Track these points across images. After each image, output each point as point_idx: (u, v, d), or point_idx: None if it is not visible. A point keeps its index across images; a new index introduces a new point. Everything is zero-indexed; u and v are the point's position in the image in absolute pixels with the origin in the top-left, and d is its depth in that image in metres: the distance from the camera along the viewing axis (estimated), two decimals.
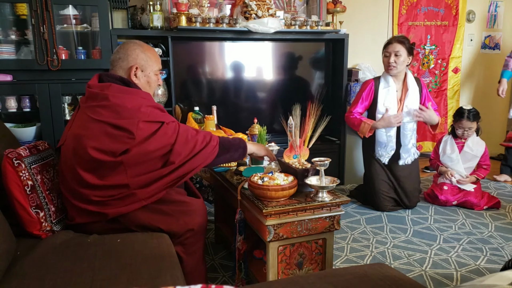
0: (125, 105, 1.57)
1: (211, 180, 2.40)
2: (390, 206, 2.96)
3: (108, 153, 1.53)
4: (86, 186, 1.56)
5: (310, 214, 1.63)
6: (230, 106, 3.37)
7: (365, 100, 2.92)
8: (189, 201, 1.74)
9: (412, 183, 3.00)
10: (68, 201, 1.64)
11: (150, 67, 1.74)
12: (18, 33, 2.62)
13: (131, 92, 1.64)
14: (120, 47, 1.74)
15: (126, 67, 1.71)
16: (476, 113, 3.01)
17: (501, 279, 0.79)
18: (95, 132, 1.54)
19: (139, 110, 1.57)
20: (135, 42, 1.76)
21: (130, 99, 1.60)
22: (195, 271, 1.73)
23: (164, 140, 1.57)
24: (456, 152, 3.08)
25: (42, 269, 1.33)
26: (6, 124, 2.32)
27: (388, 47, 2.82)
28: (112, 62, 1.74)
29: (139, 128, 1.53)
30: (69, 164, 1.59)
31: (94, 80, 1.69)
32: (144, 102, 1.62)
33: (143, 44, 1.76)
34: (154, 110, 1.62)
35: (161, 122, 1.59)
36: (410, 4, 3.95)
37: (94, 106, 1.60)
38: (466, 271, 2.14)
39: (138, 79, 1.72)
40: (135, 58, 1.71)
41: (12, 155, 1.54)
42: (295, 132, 1.81)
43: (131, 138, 1.52)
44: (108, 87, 1.61)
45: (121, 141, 1.52)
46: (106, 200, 1.57)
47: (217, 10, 3.15)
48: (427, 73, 4.15)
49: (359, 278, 1.25)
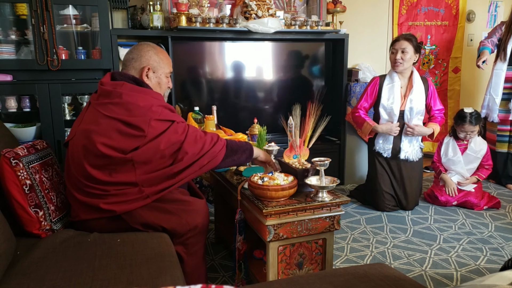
0: (137, 103, 1.59)
1: (211, 180, 2.40)
2: (391, 206, 2.96)
3: (118, 150, 1.54)
4: (94, 182, 1.58)
5: (310, 214, 1.63)
6: (230, 106, 3.37)
7: (370, 96, 2.96)
8: (192, 200, 1.75)
9: (414, 185, 2.99)
10: (73, 197, 1.64)
11: (162, 69, 1.78)
12: (18, 33, 2.62)
13: (144, 91, 1.67)
14: (134, 48, 1.78)
15: (138, 67, 1.74)
16: (478, 116, 2.99)
17: (501, 279, 0.79)
18: (106, 128, 1.56)
19: (151, 109, 1.59)
20: (149, 44, 1.80)
21: (142, 98, 1.63)
22: (195, 271, 1.74)
23: (174, 137, 1.59)
24: (459, 155, 3.06)
25: (42, 269, 1.33)
26: (6, 124, 2.32)
27: (395, 44, 2.85)
28: (124, 62, 1.77)
29: (151, 126, 1.56)
30: (76, 159, 1.61)
31: (106, 78, 1.72)
32: (156, 101, 1.65)
33: (156, 47, 1.80)
34: (165, 109, 1.64)
35: (172, 121, 1.62)
36: (410, 4, 3.94)
37: (106, 103, 1.62)
38: (466, 271, 2.14)
39: (149, 80, 1.75)
40: (148, 59, 1.74)
41: (9, 154, 1.54)
42: (295, 132, 1.81)
43: (142, 136, 1.55)
44: (122, 85, 1.64)
45: (132, 139, 1.55)
46: (114, 196, 1.58)
47: (217, 10, 3.15)
48: (427, 73, 4.15)
49: (359, 278, 1.25)
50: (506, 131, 3.45)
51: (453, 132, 3.11)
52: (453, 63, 4.17)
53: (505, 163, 3.49)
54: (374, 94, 2.95)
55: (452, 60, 4.16)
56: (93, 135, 1.56)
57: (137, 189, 1.59)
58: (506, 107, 3.39)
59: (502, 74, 3.36)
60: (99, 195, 1.59)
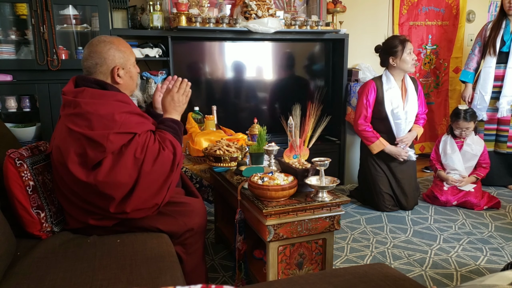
0: (97, 112, 1.50)
1: (211, 180, 2.40)
2: (391, 206, 2.96)
3: (85, 167, 1.47)
4: (81, 199, 1.54)
5: (310, 214, 1.63)
6: (230, 106, 3.37)
7: (370, 105, 2.92)
8: (188, 201, 1.74)
9: (412, 184, 3.00)
10: (64, 208, 1.63)
11: (129, 62, 1.68)
12: (18, 33, 2.62)
13: (106, 96, 1.57)
14: (91, 51, 1.62)
15: (107, 71, 1.63)
16: (472, 113, 3.04)
17: (501, 279, 0.79)
18: (74, 145, 1.48)
19: (113, 118, 1.50)
20: (104, 41, 1.64)
21: (103, 104, 1.53)
22: (195, 271, 1.73)
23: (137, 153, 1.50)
24: (457, 152, 3.09)
25: (42, 269, 1.33)
26: (6, 124, 2.32)
27: (407, 43, 2.83)
28: (88, 68, 1.63)
29: (109, 141, 1.46)
30: (60, 173, 1.55)
31: (69, 86, 1.61)
32: (119, 107, 1.55)
33: (113, 40, 1.66)
34: (129, 117, 1.54)
35: (133, 133, 1.52)
36: (411, 4, 3.94)
37: (69, 114, 1.54)
38: (466, 271, 2.13)
39: (121, 79, 1.66)
40: (113, 58, 1.63)
41: (14, 155, 1.54)
42: (295, 132, 1.81)
43: (103, 151, 1.46)
44: (82, 92, 1.54)
45: (93, 154, 1.46)
46: (101, 214, 1.55)
47: (217, 10, 3.15)
48: (428, 73, 4.15)
49: (359, 278, 1.25)
50: (493, 130, 3.43)
51: (451, 130, 3.15)
52: (454, 63, 4.17)
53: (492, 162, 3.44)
54: (373, 100, 2.92)
55: (453, 60, 4.16)
56: (64, 153, 1.49)
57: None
58: (494, 105, 3.37)
59: (490, 71, 3.32)
60: (87, 211, 1.55)
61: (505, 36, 3.29)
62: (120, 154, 1.48)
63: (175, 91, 1.73)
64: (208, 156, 2.11)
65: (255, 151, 2.03)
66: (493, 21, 3.39)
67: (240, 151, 2.12)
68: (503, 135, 3.40)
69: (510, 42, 3.27)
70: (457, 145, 3.10)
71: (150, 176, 1.51)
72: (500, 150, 3.42)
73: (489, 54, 3.33)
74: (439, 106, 4.20)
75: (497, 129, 3.41)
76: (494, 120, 3.39)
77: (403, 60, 2.82)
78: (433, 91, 4.18)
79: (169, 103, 1.73)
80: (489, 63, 3.33)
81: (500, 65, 3.32)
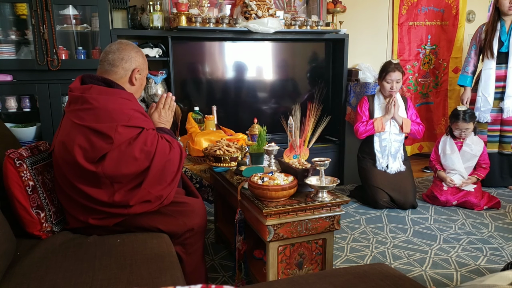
0: (106, 107, 1.53)
1: (211, 180, 2.40)
2: (383, 201, 2.97)
3: (91, 160, 1.50)
4: (82, 196, 1.55)
5: (310, 214, 1.63)
6: (230, 106, 3.37)
7: (364, 113, 3.14)
8: (188, 201, 1.74)
9: (409, 181, 3.06)
10: (64, 207, 1.63)
11: (145, 71, 1.78)
12: (18, 33, 2.62)
13: (113, 92, 1.60)
14: (121, 48, 1.69)
15: (128, 69, 1.69)
16: (471, 114, 3.04)
17: (501, 279, 0.79)
18: (79, 138, 1.51)
19: (122, 112, 1.54)
20: (133, 45, 1.75)
21: (111, 100, 1.56)
22: (195, 271, 1.73)
23: (145, 148, 1.54)
24: (456, 152, 3.09)
25: (42, 269, 1.33)
26: (6, 124, 2.32)
27: (390, 74, 2.99)
28: (112, 61, 1.67)
29: (118, 132, 1.49)
30: (62, 172, 1.57)
31: (76, 83, 1.64)
32: (127, 104, 1.59)
33: (139, 48, 1.78)
34: (136, 113, 1.58)
35: (141, 127, 1.56)
36: (410, 4, 3.94)
37: (76, 110, 1.56)
38: (466, 271, 2.14)
39: (137, 82, 1.72)
40: (137, 61, 1.71)
41: (14, 155, 1.54)
42: (295, 132, 1.81)
43: (110, 143, 1.49)
44: (89, 89, 1.57)
45: (100, 149, 1.49)
46: (101, 212, 1.56)
47: (217, 10, 3.15)
48: (427, 73, 4.15)
49: (359, 278, 1.25)
50: (497, 131, 3.43)
51: (450, 131, 3.15)
52: (453, 63, 4.16)
53: (496, 163, 3.45)
54: (367, 111, 3.13)
55: (452, 60, 4.15)
56: (69, 147, 1.51)
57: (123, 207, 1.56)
58: (497, 106, 3.37)
59: (491, 72, 3.32)
60: (88, 210, 1.56)
61: (502, 37, 3.29)
62: (128, 146, 1.51)
63: (161, 107, 1.81)
64: (208, 156, 2.12)
65: (255, 151, 2.03)
66: (487, 24, 3.39)
67: (240, 151, 2.12)
68: (507, 135, 3.40)
69: (508, 42, 3.27)
70: (456, 146, 3.11)
71: (160, 170, 1.56)
72: (504, 151, 3.41)
73: (487, 57, 3.34)
74: (438, 106, 4.20)
75: (501, 130, 3.41)
76: (498, 121, 3.39)
77: (382, 85, 3.07)
78: (432, 91, 4.18)
79: (157, 118, 1.80)
80: (489, 65, 3.33)
81: (501, 66, 3.33)
